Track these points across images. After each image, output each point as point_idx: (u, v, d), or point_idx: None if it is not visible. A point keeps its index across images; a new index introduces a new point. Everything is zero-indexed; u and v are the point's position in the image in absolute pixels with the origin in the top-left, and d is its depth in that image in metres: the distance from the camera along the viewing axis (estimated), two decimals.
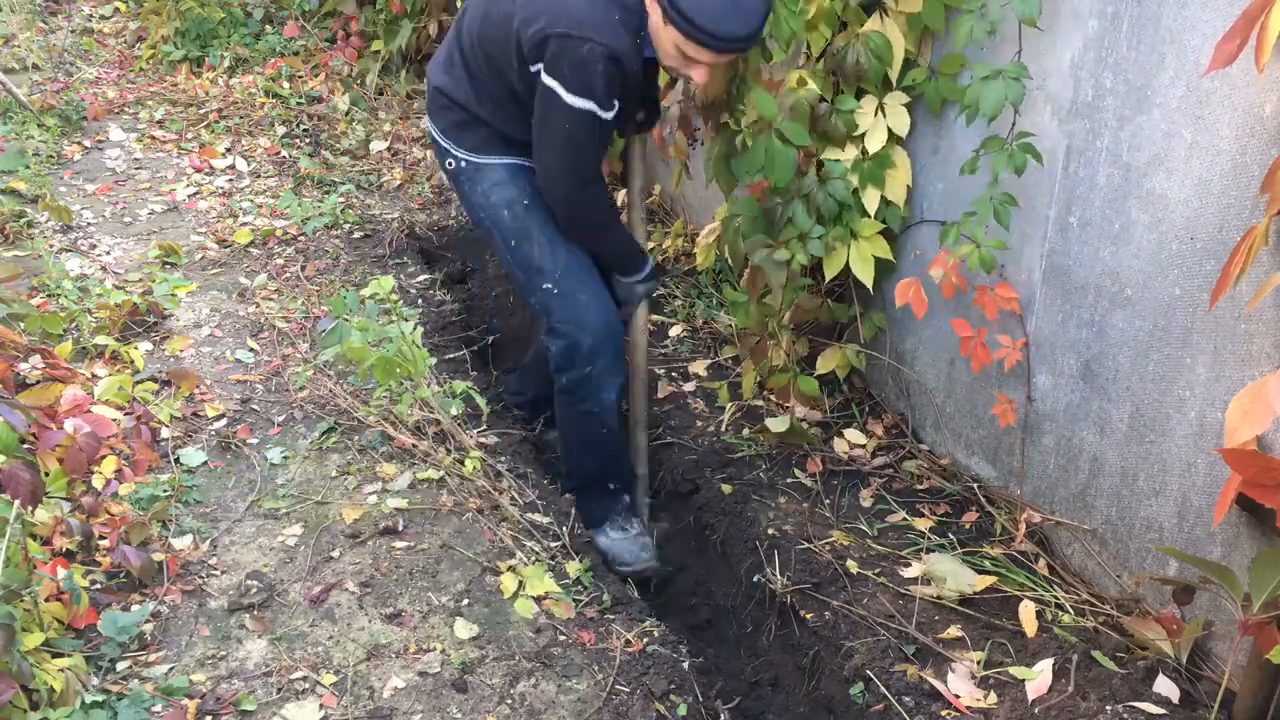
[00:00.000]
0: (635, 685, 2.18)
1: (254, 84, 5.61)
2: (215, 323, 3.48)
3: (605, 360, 2.64)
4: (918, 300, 2.45)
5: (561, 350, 2.65)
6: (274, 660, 2.14)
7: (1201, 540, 2.05)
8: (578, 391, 2.68)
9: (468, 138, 2.65)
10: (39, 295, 3.42)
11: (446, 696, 2.10)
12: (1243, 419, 1.46)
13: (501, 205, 2.65)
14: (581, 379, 2.66)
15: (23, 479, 2.11)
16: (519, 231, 2.64)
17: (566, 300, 2.62)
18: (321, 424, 2.94)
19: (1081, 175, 2.21)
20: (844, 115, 2.57)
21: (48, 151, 4.82)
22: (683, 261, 3.95)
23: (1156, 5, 1.95)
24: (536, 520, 2.67)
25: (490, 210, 2.67)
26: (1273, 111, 1.75)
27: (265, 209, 4.40)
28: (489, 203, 2.67)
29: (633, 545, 2.85)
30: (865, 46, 2.47)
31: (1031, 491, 2.54)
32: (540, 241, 2.63)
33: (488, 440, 2.96)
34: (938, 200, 2.66)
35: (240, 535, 2.51)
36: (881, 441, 2.93)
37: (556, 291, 2.62)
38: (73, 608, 2.08)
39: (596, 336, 2.62)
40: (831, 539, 2.57)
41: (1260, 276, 1.81)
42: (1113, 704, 1.99)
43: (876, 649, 2.24)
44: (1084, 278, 2.25)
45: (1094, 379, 2.27)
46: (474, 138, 2.65)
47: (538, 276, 2.64)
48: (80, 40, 6.43)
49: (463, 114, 2.64)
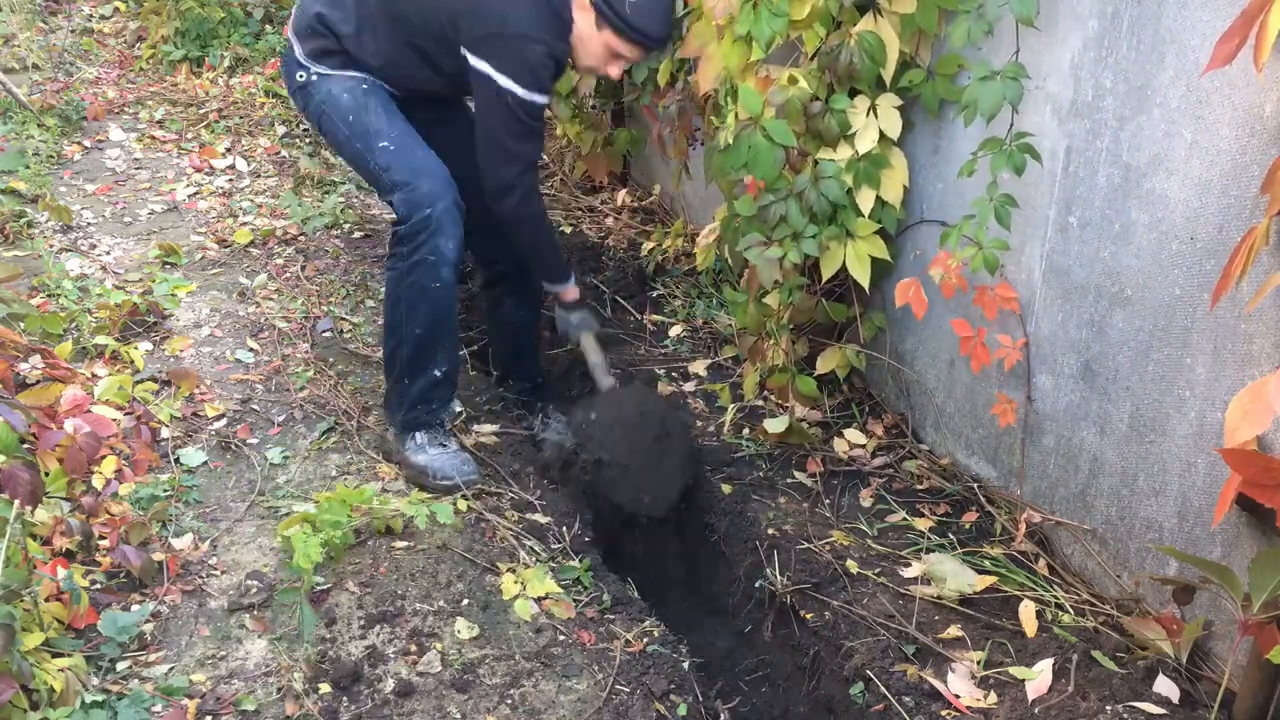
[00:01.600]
0: (635, 685, 2.18)
1: (254, 84, 5.61)
2: (215, 323, 3.48)
3: (445, 204, 2.63)
4: (918, 300, 2.45)
5: (402, 200, 2.65)
6: (274, 660, 2.14)
7: (1201, 540, 2.05)
8: (415, 239, 2.63)
9: (329, 60, 2.77)
10: (39, 295, 3.43)
11: (446, 696, 2.10)
12: (1243, 419, 1.46)
13: (342, 92, 2.75)
14: (421, 223, 2.62)
15: (23, 479, 2.11)
16: (358, 106, 2.74)
17: (404, 154, 2.69)
18: (321, 424, 2.94)
19: (1081, 175, 2.21)
20: (837, 115, 2.57)
21: (48, 151, 4.83)
22: (683, 261, 3.96)
23: (1156, 5, 1.95)
24: (536, 520, 2.67)
25: (331, 100, 2.75)
26: (1273, 111, 1.75)
27: (265, 209, 4.40)
28: (330, 95, 2.76)
29: (453, 459, 2.75)
30: (858, 46, 2.47)
31: (1031, 491, 2.54)
32: (377, 110, 2.73)
33: (487, 440, 2.97)
34: (937, 200, 2.66)
35: (240, 535, 2.51)
36: (881, 441, 2.93)
37: (394, 148, 2.70)
38: (73, 608, 2.08)
39: (435, 182, 2.64)
40: (831, 539, 2.57)
41: (1260, 276, 1.81)
42: (1113, 704, 1.99)
43: (876, 649, 2.24)
44: (1084, 278, 2.25)
45: (1094, 379, 2.27)
46: (335, 61, 2.77)
47: (375, 138, 2.71)
48: (80, 40, 6.44)
49: (335, 44, 2.75)
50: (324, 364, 3.24)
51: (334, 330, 3.46)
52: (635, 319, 3.74)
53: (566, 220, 4.44)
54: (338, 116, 2.76)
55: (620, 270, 3.99)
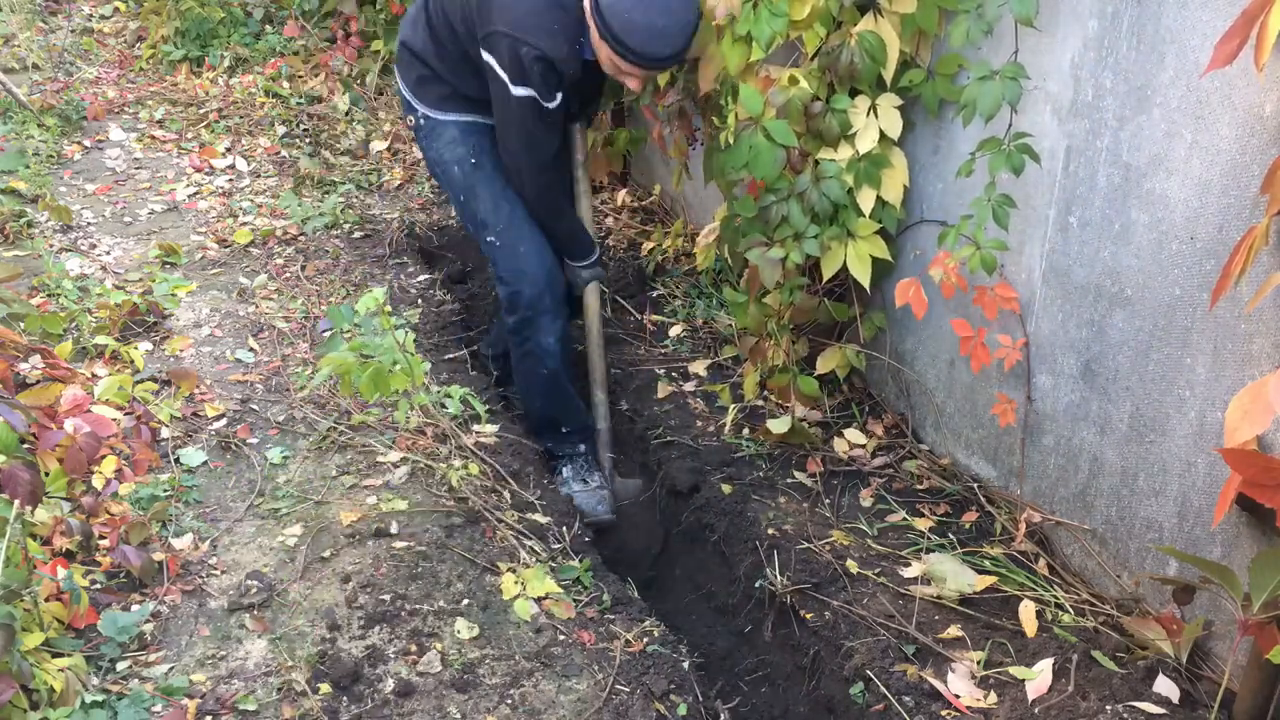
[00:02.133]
0: (635, 685, 2.18)
1: (254, 84, 5.61)
2: (215, 323, 3.48)
3: (544, 305, 2.86)
4: (918, 300, 2.45)
5: (506, 297, 2.90)
6: (274, 660, 2.14)
7: (1201, 540, 2.05)
8: (522, 333, 2.91)
9: (428, 93, 2.88)
10: (39, 295, 3.42)
11: (446, 696, 2.10)
12: (1243, 419, 1.46)
13: (453, 162, 2.89)
14: (523, 322, 2.89)
15: (23, 479, 2.11)
16: (466, 188, 2.90)
17: (508, 251, 2.86)
18: (321, 424, 2.94)
19: (1081, 175, 2.21)
20: (838, 115, 2.57)
21: (48, 151, 4.83)
22: (683, 261, 3.96)
23: (1156, 5, 1.95)
24: (536, 520, 2.67)
25: (444, 166, 2.93)
26: (1273, 111, 1.75)
27: (265, 209, 4.40)
28: (442, 159, 2.92)
29: (590, 497, 3.01)
30: (859, 46, 2.47)
31: (1031, 491, 2.54)
32: (484, 197, 2.88)
33: (487, 440, 2.97)
34: (937, 200, 2.66)
35: (240, 535, 2.51)
36: (881, 441, 2.93)
37: (499, 244, 2.87)
38: (73, 608, 2.08)
39: (535, 285, 2.85)
40: (831, 539, 2.57)
41: (1260, 276, 1.81)
42: (1113, 704, 1.99)
43: (876, 649, 2.24)
44: (1084, 278, 2.25)
45: (1094, 379, 2.27)
46: (434, 93, 2.88)
47: (482, 230, 2.89)
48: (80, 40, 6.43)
49: (424, 69, 2.87)
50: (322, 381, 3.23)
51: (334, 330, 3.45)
52: (635, 319, 3.74)
53: None
54: (451, 190, 2.98)
55: (620, 270, 3.99)
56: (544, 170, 2.79)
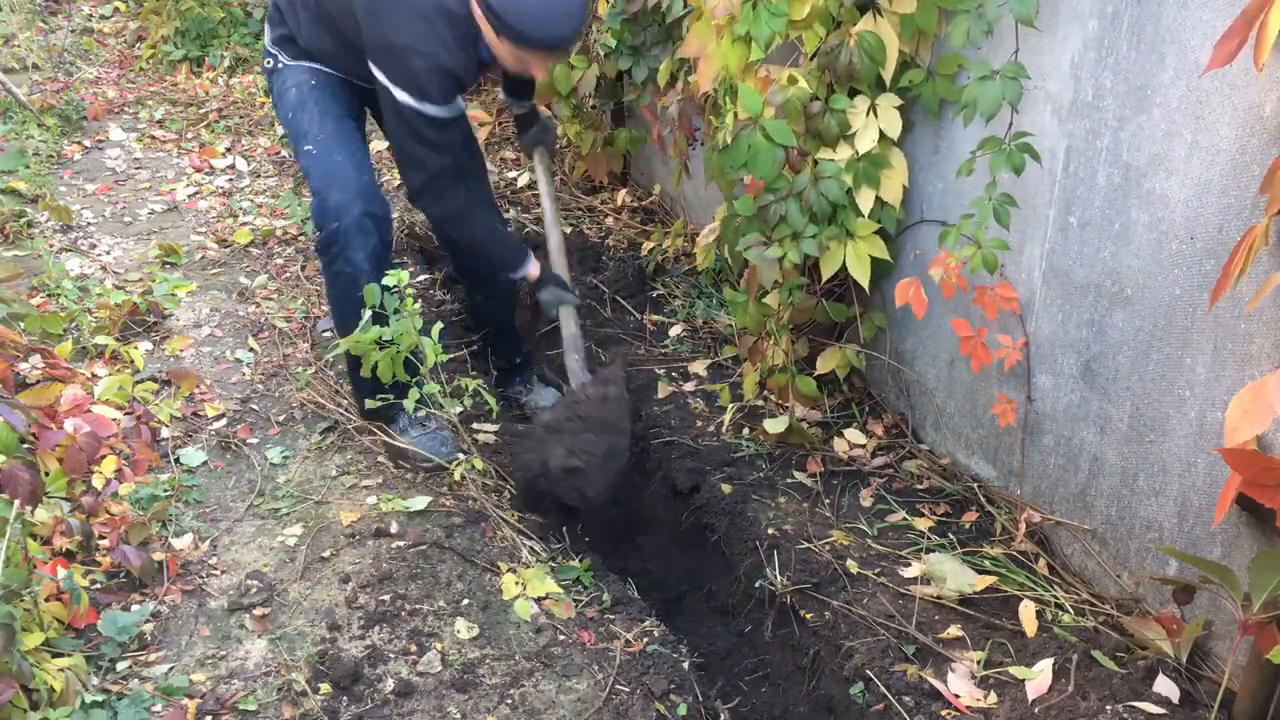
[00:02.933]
0: (635, 685, 2.18)
1: (254, 83, 5.61)
2: (215, 323, 3.48)
3: (352, 215, 2.68)
4: (918, 300, 2.45)
5: (314, 208, 2.75)
6: (274, 660, 2.14)
7: (1201, 540, 2.05)
8: (329, 251, 2.74)
9: (288, 49, 2.89)
10: (39, 295, 3.43)
11: (446, 696, 2.10)
12: (1243, 419, 1.46)
13: (292, 85, 2.85)
14: (332, 235, 2.70)
15: (23, 479, 2.11)
16: (299, 104, 2.83)
17: (322, 160, 2.75)
18: (321, 424, 2.94)
19: (1081, 175, 2.21)
20: (837, 115, 2.57)
21: (48, 151, 4.83)
22: (683, 261, 3.96)
23: (1156, 5, 1.95)
24: (537, 520, 2.67)
25: (284, 93, 2.87)
26: (1273, 111, 1.75)
27: (265, 209, 4.40)
28: (285, 88, 2.87)
29: (432, 439, 2.82)
30: (858, 46, 2.47)
31: (1031, 491, 2.54)
32: (313, 111, 2.81)
33: (489, 439, 2.97)
34: (937, 200, 2.66)
35: (240, 535, 2.51)
36: (881, 441, 2.93)
37: (315, 152, 2.77)
38: (73, 608, 2.09)
39: (345, 190, 2.69)
40: (831, 539, 2.57)
41: (1260, 276, 1.81)
42: (1113, 704, 1.99)
43: (876, 649, 2.24)
44: (1084, 278, 2.25)
45: (1094, 379, 2.27)
46: (293, 49, 2.88)
47: (302, 140, 2.79)
48: (80, 40, 6.43)
49: (288, 32, 2.87)
50: (324, 364, 3.24)
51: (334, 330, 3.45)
52: (635, 319, 3.74)
53: (566, 220, 4.44)
54: (281, 111, 2.89)
55: (620, 270, 3.99)
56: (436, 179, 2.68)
